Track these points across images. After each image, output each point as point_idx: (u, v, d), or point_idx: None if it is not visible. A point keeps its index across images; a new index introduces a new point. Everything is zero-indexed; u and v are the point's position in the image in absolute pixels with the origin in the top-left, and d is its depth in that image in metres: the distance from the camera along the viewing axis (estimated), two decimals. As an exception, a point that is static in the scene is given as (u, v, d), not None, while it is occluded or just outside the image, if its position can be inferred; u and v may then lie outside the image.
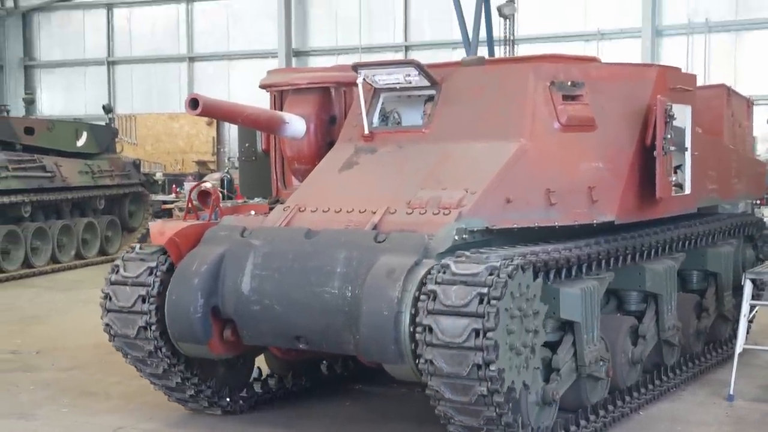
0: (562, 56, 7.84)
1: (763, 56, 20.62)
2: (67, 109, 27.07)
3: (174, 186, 23.11)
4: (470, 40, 20.06)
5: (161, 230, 6.87)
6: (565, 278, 6.50)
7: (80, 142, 17.90)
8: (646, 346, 7.72)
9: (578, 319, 6.46)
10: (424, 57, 21.98)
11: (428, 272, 5.74)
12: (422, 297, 5.63)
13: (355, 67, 7.37)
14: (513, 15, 20.45)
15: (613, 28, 21.73)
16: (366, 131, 7.38)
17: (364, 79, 7.37)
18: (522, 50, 22.19)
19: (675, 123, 7.92)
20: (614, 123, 7.27)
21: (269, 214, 7.06)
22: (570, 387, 6.70)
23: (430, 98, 7.40)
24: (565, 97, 7.06)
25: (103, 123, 19.42)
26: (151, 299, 6.70)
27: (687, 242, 8.33)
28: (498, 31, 20.61)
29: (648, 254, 7.66)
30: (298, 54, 24.91)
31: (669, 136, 7.20)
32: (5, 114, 17.55)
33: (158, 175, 22.75)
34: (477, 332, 5.40)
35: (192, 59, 26.06)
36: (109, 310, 6.91)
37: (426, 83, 7.27)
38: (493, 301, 5.42)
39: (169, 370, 6.99)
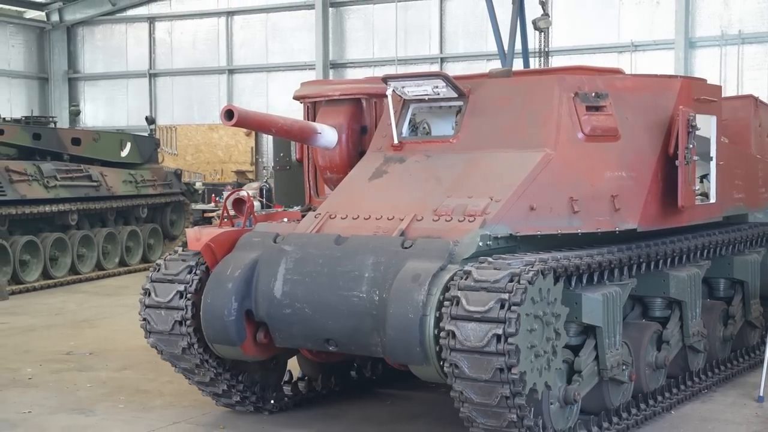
0: (587, 68, 7.97)
1: (796, 68, 20.59)
2: (110, 120, 27.50)
3: (213, 195, 23.35)
4: (506, 52, 20.15)
5: (198, 236, 7.06)
6: (587, 284, 6.64)
7: (124, 153, 18.22)
8: (670, 352, 7.82)
9: (600, 323, 6.59)
10: (459, 69, 22.24)
11: (452, 277, 5.90)
12: (446, 302, 5.79)
13: (385, 79, 7.54)
14: (548, 28, 20.50)
15: (646, 40, 21.72)
16: (395, 141, 7.55)
17: (393, 90, 7.54)
18: (556, 62, 22.25)
19: (700, 133, 8.02)
20: (638, 133, 7.40)
21: (301, 221, 7.25)
22: (593, 390, 6.84)
23: (460, 109, 7.57)
24: (589, 108, 7.19)
25: (145, 134, 19.72)
26: (189, 295, 6.93)
27: (711, 250, 8.42)
28: (533, 43, 20.69)
29: (672, 261, 7.77)
30: (335, 66, 25.13)
31: (691, 146, 7.31)
32: (53, 125, 17.83)
33: (198, 185, 23.00)
34: (498, 338, 5.56)
35: (231, 71, 26.36)
36: (147, 306, 7.14)
37: (454, 95, 7.43)
38: (513, 307, 5.58)
39: (202, 365, 7.20)
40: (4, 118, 17.31)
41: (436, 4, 24.15)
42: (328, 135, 7.95)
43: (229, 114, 6.92)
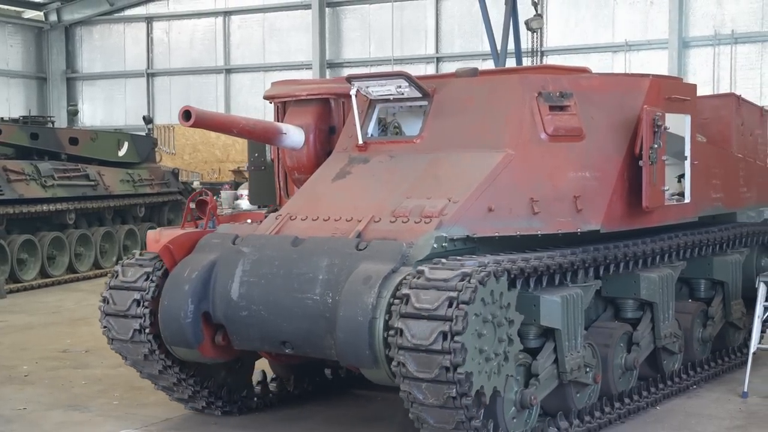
0: (554, 67, 7.86)
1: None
2: (108, 119, 27.46)
3: (211, 194, 23.27)
4: (498, 52, 20.05)
5: (157, 238, 6.99)
6: (548, 286, 6.52)
7: (122, 152, 18.21)
8: (640, 353, 7.68)
9: (558, 326, 6.45)
10: (455, 68, 21.97)
11: (404, 278, 5.79)
12: (396, 301, 5.69)
13: (349, 79, 7.44)
14: (540, 28, 20.39)
15: (640, 40, 21.60)
16: (360, 141, 7.45)
17: (358, 90, 7.44)
18: (550, 61, 22.15)
19: (675, 132, 7.90)
20: (603, 133, 7.26)
21: (262, 223, 7.15)
22: (556, 392, 6.72)
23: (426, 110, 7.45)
24: (553, 108, 7.06)
25: (143, 133, 19.68)
26: (146, 303, 6.82)
27: (685, 251, 8.28)
28: (527, 43, 20.57)
29: (643, 263, 7.65)
30: (332, 65, 25.05)
31: (657, 145, 7.17)
32: (51, 125, 17.86)
33: (196, 184, 22.94)
34: (445, 335, 5.43)
35: (229, 71, 26.30)
36: (106, 314, 7.05)
37: (418, 94, 7.32)
38: (462, 305, 5.46)
39: (165, 371, 7.11)
40: (1, 118, 17.31)
41: (432, 4, 24.07)
42: (293, 135, 7.85)
43: (186, 115, 6.83)
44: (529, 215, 6.64)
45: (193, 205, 7.62)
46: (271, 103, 8.56)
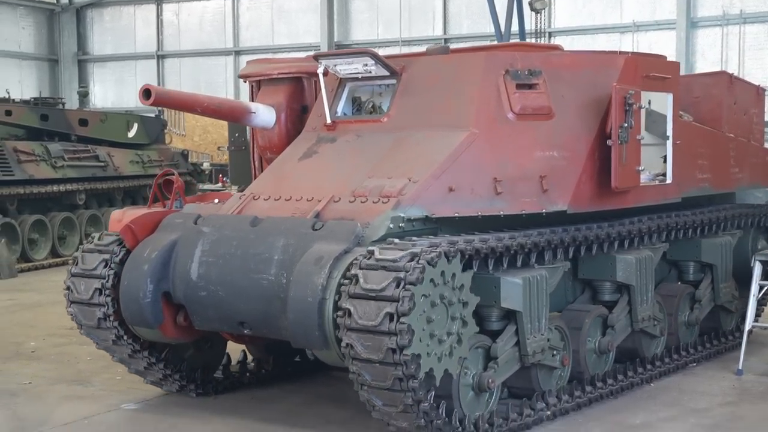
0: (523, 44, 7.69)
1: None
2: (119, 101, 27.43)
3: (221, 175, 23.27)
4: (503, 33, 19.82)
5: (119, 218, 6.88)
6: (511, 267, 6.38)
7: (131, 133, 18.25)
8: (615, 337, 7.53)
9: (520, 308, 6.30)
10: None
11: (355, 259, 5.67)
12: (345, 281, 5.56)
13: (316, 57, 7.31)
14: (544, 9, 20.12)
15: (648, 20, 21.28)
16: (328, 121, 7.31)
17: (325, 69, 7.30)
18: (558, 42, 21.86)
19: (658, 110, 7.70)
20: (574, 112, 7.07)
21: (226, 202, 7.04)
22: (520, 374, 6.59)
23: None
24: (520, 86, 6.87)
25: (152, 115, 19.64)
26: (107, 291, 6.72)
27: (664, 233, 8.10)
28: (531, 24, 20.32)
29: (619, 244, 7.49)
30: (340, 47, 24.88)
31: (627, 124, 6.97)
32: (61, 106, 17.90)
33: (205, 165, 22.92)
34: (391, 316, 5.30)
35: (238, 53, 26.20)
36: (71, 302, 6.97)
37: (385, 72, 7.17)
38: (408, 286, 5.32)
39: (135, 355, 7.04)
40: (12, 100, 17.32)
41: (439, -14, 23.85)
42: (263, 114, 7.71)
43: (146, 93, 6.74)
44: (492, 195, 6.47)
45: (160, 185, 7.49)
46: (245, 81, 8.43)
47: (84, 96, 24.53)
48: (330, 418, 6.82)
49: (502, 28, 19.84)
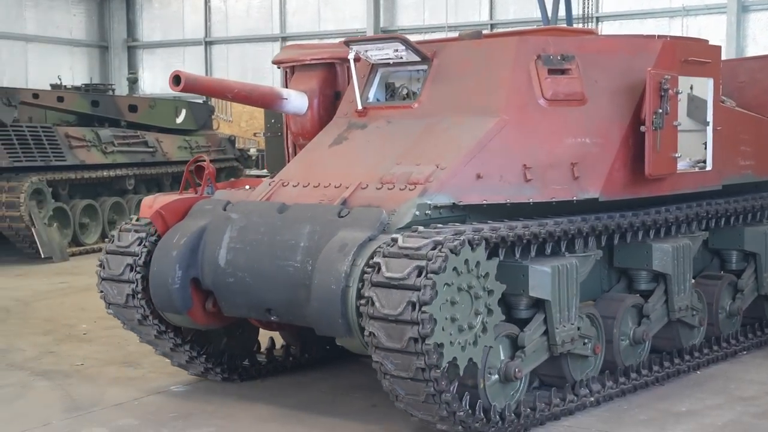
0: (556, 28, 7.55)
1: None
2: (167, 87, 27.39)
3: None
4: (549, 18, 19.61)
5: (150, 204, 6.89)
6: (540, 255, 6.27)
7: (179, 119, 18.37)
8: (650, 326, 7.39)
9: (548, 297, 6.20)
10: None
11: (378, 247, 5.60)
12: (368, 270, 5.50)
13: (347, 43, 7.24)
14: (593, -6, 19.89)
15: (698, 4, 20.88)
16: (359, 107, 7.25)
17: (356, 54, 7.24)
18: (606, 27, 21.59)
19: (697, 96, 7.53)
20: (608, 97, 6.93)
21: (256, 189, 7.02)
22: (550, 363, 6.50)
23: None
24: (552, 71, 6.74)
25: (200, 101, 19.74)
26: (138, 268, 6.75)
27: (703, 221, 7.93)
28: (579, 9, 20.06)
29: (655, 233, 7.35)
30: (386, 32, 24.76)
31: (663, 110, 6.82)
32: (111, 92, 18.08)
33: (252, 151, 22.98)
34: (413, 305, 5.23)
35: (285, 39, 26.18)
36: (103, 278, 7.00)
37: (416, 58, 7.08)
38: (430, 275, 5.24)
39: (161, 336, 7.07)
40: (64, 86, 17.50)
41: (486, -28, 23.62)
42: (295, 100, 7.66)
43: (176, 79, 6.73)
44: (521, 183, 6.37)
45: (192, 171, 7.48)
46: (278, 67, 8.39)
47: (133, 82, 24.64)
48: (354, 407, 6.79)
49: (549, 14, 19.63)
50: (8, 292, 11.94)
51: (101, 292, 7.05)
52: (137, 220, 7.08)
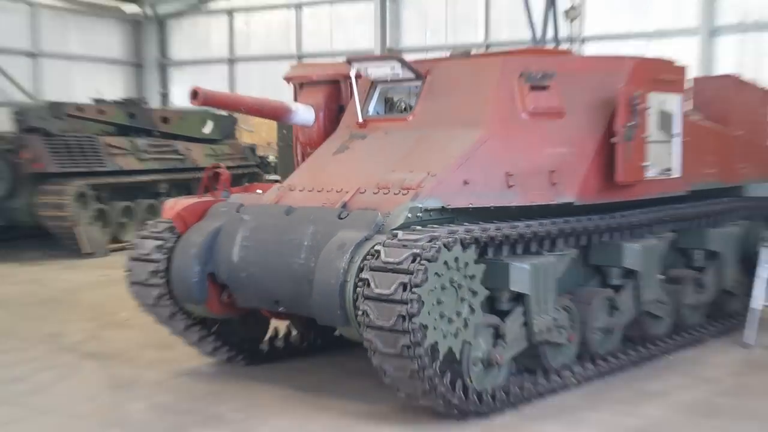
0: (537, 49, 7.55)
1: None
2: (195, 101, 27.46)
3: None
4: (537, 40, 19.55)
5: (172, 206, 6.88)
6: (523, 254, 6.26)
7: (206, 130, 18.37)
8: (621, 318, 7.38)
9: (527, 291, 6.19)
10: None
11: (376, 245, 5.59)
12: (368, 256, 5.50)
13: (349, 61, 7.24)
14: (577, 18, 19.74)
15: (671, 28, 20.74)
16: (360, 119, 7.25)
17: (357, 71, 7.24)
18: (590, 48, 21.49)
19: (666, 110, 7.51)
20: (584, 111, 6.93)
21: (266, 193, 7.01)
22: (531, 351, 6.48)
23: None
24: (534, 88, 6.75)
25: (225, 113, 19.71)
26: (161, 273, 6.74)
27: (668, 224, 7.91)
28: (566, 31, 19.94)
29: (627, 233, 7.33)
30: (392, 51, 24.69)
31: (633, 123, 6.81)
32: (145, 106, 18.11)
33: (271, 158, 22.91)
34: (405, 286, 5.23)
35: (300, 57, 26.12)
36: (132, 282, 7.00)
37: (411, 75, 7.08)
38: (423, 261, 5.25)
39: (188, 329, 7.12)
40: (104, 100, 17.57)
41: (481, -5, 23.57)
42: (303, 113, 7.67)
43: (194, 94, 6.74)
44: (504, 188, 6.36)
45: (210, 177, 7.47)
46: (289, 83, 8.39)
47: (164, 97, 24.72)
48: (353, 388, 6.79)
49: (538, 35, 19.57)
50: (57, 284, 12.05)
51: (132, 294, 7.05)
52: (154, 225, 7.03)
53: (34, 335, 8.82)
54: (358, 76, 7.31)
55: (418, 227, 5.68)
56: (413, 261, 5.28)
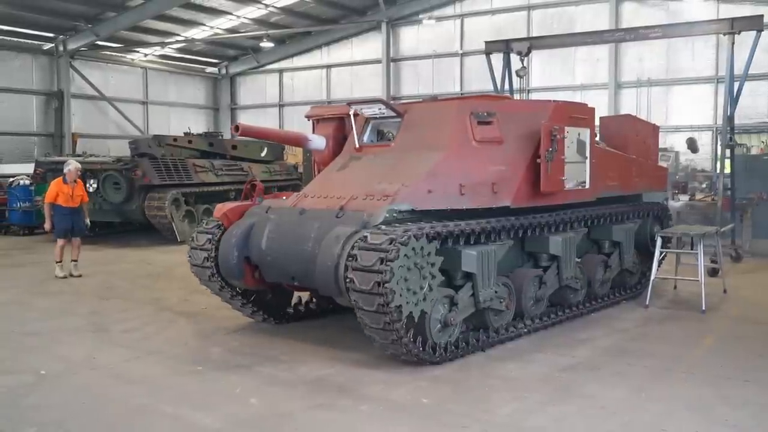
0: (484, 96, 7.28)
1: (684, 102, 19.15)
2: (256, 134, 27.23)
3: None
4: (499, 91, 19.21)
5: (221, 208, 6.66)
6: (470, 243, 6.00)
7: (263, 154, 18.18)
8: (547, 290, 7.11)
9: (474, 271, 5.93)
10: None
11: (362, 235, 5.34)
12: (358, 240, 5.26)
13: (350, 104, 7.00)
14: (525, 76, 19.42)
15: (590, 83, 20.45)
16: (357, 146, 7.01)
17: (355, 111, 6.99)
18: (534, 96, 21.15)
19: (580, 139, 7.24)
20: (517, 140, 6.67)
21: (288, 199, 6.78)
22: (478, 315, 6.22)
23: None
24: (481, 122, 6.50)
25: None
26: (211, 259, 6.52)
27: (580, 222, 7.63)
28: (517, 85, 19.60)
29: (549, 229, 7.06)
30: (394, 98, 24.42)
31: (552, 149, 6.53)
32: (220, 137, 18.02)
33: (304, 174, 22.73)
34: (381, 260, 5.03)
35: (329, 102, 25.90)
36: (192, 264, 6.78)
37: (393, 114, 6.83)
38: (397, 244, 5.07)
39: (233, 298, 6.89)
40: (192, 133, 17.52)
41: (457, 60, 23.22)
42: (316, 141, 7.43)
43: (236, 128, 6.51)
44: (458, 195, 6.12)
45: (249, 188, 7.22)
46: (308, 120, 8.15)
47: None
48: (352, 340, 6.54)
49: (498, 87, 19.24)
50: (159, 263, 11.88)
51: (193, 273, 6.82)
52: (207, 224, 6.78)
53: (143, 299, 8.66)
54: (356, 115, 7.06)
55: (395, 224, 5.43)
56: (390, 243, 5.07)
